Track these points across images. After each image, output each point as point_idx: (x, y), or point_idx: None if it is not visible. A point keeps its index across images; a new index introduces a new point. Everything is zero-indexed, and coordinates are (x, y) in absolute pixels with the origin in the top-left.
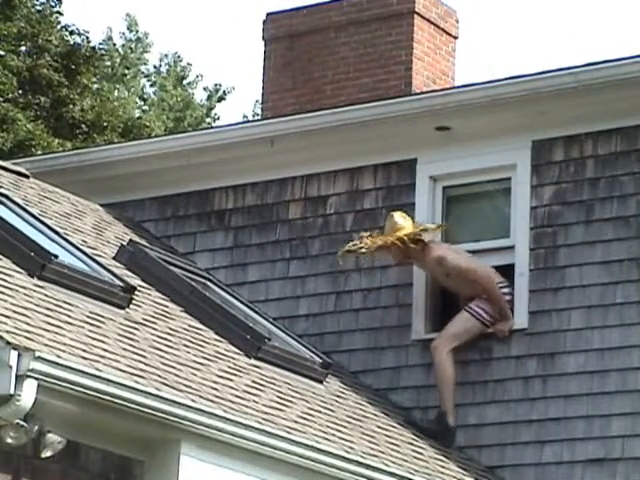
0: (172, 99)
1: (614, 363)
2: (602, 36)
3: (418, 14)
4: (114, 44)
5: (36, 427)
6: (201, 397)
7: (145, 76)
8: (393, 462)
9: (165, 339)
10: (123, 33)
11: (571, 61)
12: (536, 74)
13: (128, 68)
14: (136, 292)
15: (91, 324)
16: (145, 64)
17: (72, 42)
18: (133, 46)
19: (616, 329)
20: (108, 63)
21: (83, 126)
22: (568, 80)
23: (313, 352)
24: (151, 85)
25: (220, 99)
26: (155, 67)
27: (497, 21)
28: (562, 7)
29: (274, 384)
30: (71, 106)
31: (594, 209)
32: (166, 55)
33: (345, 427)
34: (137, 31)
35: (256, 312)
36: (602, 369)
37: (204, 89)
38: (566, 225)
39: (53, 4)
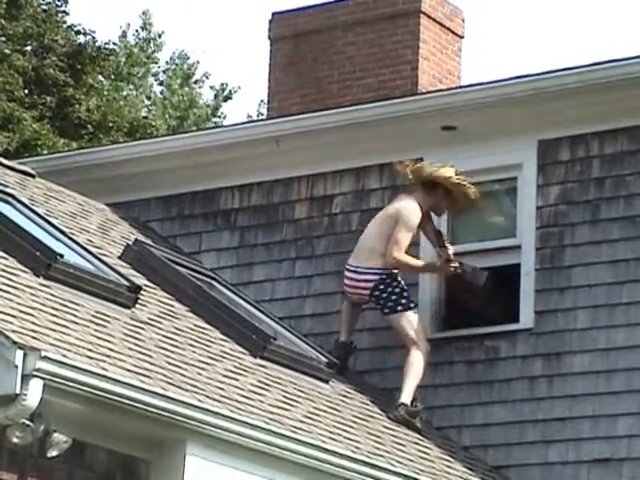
0: (175, 97)
1: (620, 363)
2: (608, 35)
3: (424, 13)
4: (122, 42)
5: (42, 427)
6: (207, 397)
7: (153, 75)
8: (399, 462)
9: (171, 339)
10: (137, 30)
11: (577, 60)
12: (542, 73)
13: (133, 66)
14: (142, 292)
15: (97, 323)
16: (156, 62)
17: (78, 42)
18: (144, 45)
19: (622, 329)
20: (113, 58)
21: (89, 126)
22: (574, 79)
23: (319, 352)
24: (159, 83)
25: (226, 98)
26: (167, 63)
27: (503, 20)
28: (568, 6)
29: (280, 384)
30: (77, 106)
31: (600, 209)
32: (173, 52)
33: (351, 427)
34: (150, 31)
35: (262, 312)
36: (608, 369)
37: (210, 88)
38: (572, 225)
39: (59, 3)
